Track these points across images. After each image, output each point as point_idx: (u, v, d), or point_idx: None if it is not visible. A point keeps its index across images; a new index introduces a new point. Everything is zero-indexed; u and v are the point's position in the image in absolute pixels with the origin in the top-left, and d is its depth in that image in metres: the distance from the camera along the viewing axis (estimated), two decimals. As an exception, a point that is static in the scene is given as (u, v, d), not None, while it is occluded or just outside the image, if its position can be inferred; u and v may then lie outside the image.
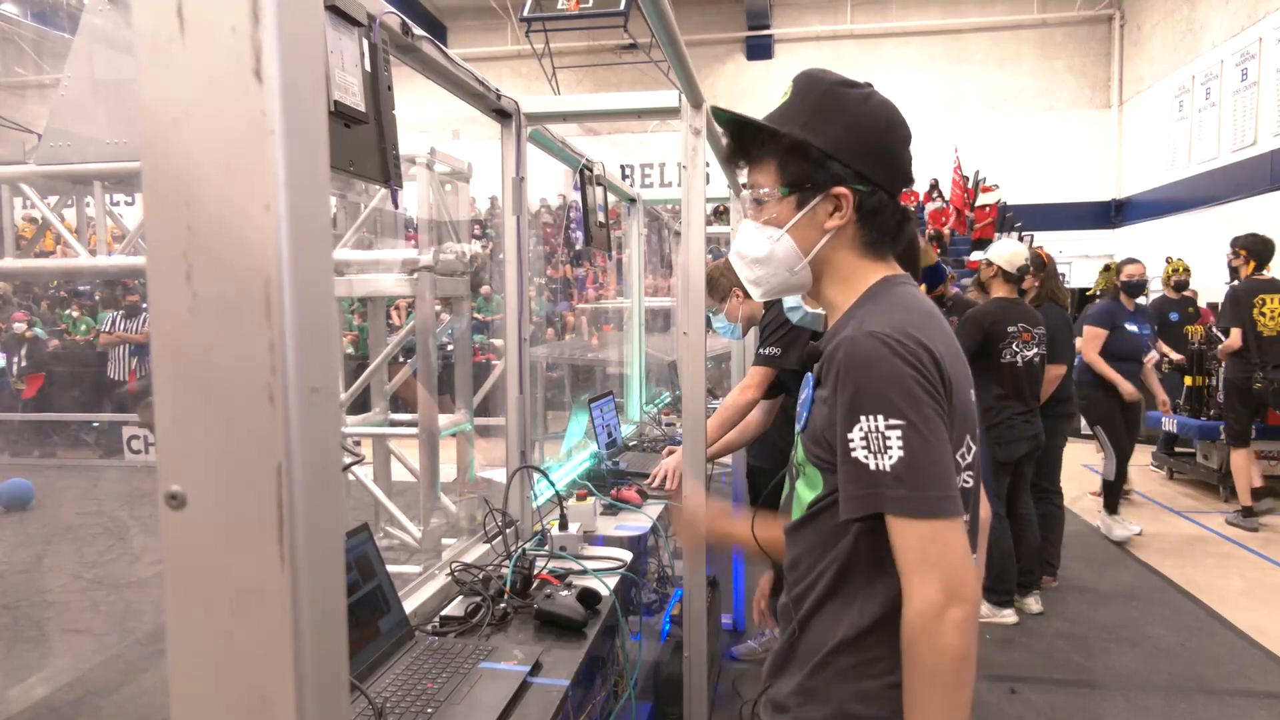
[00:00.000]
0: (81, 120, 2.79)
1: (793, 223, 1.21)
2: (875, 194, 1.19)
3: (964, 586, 1.03)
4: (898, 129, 1.23)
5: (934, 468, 1.04)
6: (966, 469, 1.16)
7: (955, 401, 1.11)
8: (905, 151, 1.23)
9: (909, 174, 1.23)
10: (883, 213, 1.20)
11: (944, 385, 1.09)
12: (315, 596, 0.49)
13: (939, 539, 1.04)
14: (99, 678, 3.80)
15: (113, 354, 9.67)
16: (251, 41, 0.44)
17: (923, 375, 1.06)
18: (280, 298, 0.46)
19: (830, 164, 1.18)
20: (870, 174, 1.19)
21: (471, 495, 3.02)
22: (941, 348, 1.11)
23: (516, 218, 2.50)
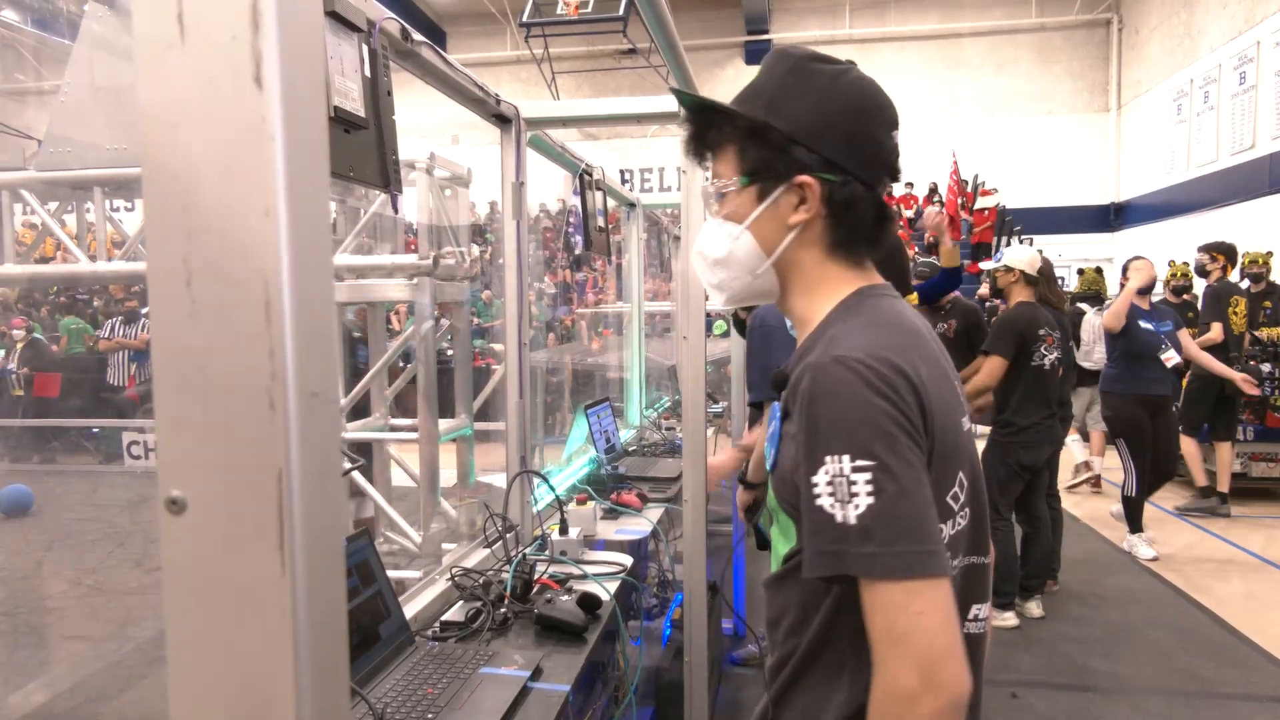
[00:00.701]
0: (81, 126, 2.79)
1: (753, 217, 1.04)
2: (847, 185, 1.00)
3: (941, 670, 0.84)
4: (877, 111, 1.03)
5: (910, 518, 0.86)
6: (961, 510, 0.99)
7: (942, 436, 0.94)
8: (887, 138, 1.02)
9: (891, 165, 1.03)
10: (856, 207, 1.00)
11: (925, 419, 0.92)
12: (315, 601, 0.49)
13: (913, 605, 0.85)
14: (98, 684, 3.79)
15: (112, 359, 9.68)
16: (251, 48, 0.44)
17: (898, 409, 0.89)
18: (280, 303, 0.46)
19: (795, 149, 1.00)
20: (840, 161, 1.00)
21: (471, 500, 3.02)
22: (925, 373, 0.94)
23: (516, 222, 2.50)
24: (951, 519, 0.97)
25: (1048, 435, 4.26)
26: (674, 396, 5.20)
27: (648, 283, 5.40)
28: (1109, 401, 5.29)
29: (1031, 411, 4.20)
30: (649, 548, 2.77)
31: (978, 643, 1.05)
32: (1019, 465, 4.22)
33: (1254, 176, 11.60)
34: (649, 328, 5.23)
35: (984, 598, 1.06)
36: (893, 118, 1.04)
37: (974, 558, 1.04)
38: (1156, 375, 5.19)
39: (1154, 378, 5.18)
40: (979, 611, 1.05)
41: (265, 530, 0.47)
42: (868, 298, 1.02)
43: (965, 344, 4.78)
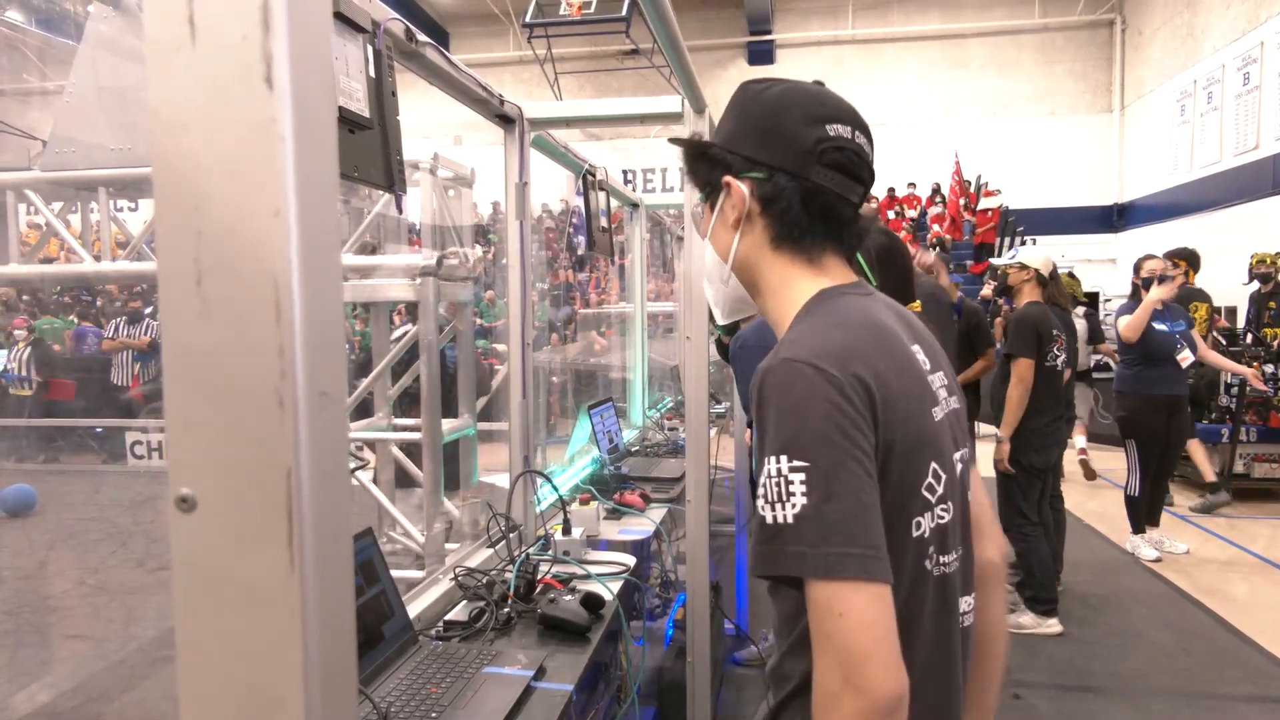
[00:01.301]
0: (86, 127, 2.80)
1: (709, 228, 1.11)
2: (771, 178, 1.03)
3: (860, 674, 0.84)
4: (794, 108, 1.04)
5: (841, 520, 0.87)
6: (941, 503, 0.99)
7: (904, 430, 0.95)
8: (808, 129, 1.02)
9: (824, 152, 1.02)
10: (782, 197, 1.03)
11: (876, 416, 0.92)
12: (324, 598, 0.49)
13: (836, 605, 0.86)
14: (101, 683, 3.80)
15: (116, 359, 9.69)
16: (262, 49, 0.44)
17: (841, 410, 0.90)
18: (290, 303, 0.46)
19: (724, 156, 1.07)
20: (758, 157, 1.04)
21: (475, 500, 3.02)
22: (883, 367, 0.95)
23: (519, 223, 2.51)
24: (930, 511, 0.98)
25: (1056, 437, 4.26)
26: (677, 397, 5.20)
27: (650, 283, 5.40)
28: (1124, 402, 5.23)
29: (1043, 412, 4.18)
30: (652, 548, 2.77)
31: (967, 635, 1.07)
32: (1031, 467, 4.21)
33: (1258, 177, 11.58)
34: (652, 328, 5.23)
35: (966, 590, 1.07)
36: (819, 113, 1.03)
37: (962, 552, 1.06)
38: (1173, 376, 5.15)
39: (1170, 378, 5.14)
40: (965, 604, 1.06)
41: (274, 528, 0.47)
42: (827, 299, 1.03)
43: (966, 345, 4.78)
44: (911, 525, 0.96)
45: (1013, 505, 4.24)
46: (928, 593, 0.99)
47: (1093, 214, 16.85)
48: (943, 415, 1.03)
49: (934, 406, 1.01)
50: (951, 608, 1.03)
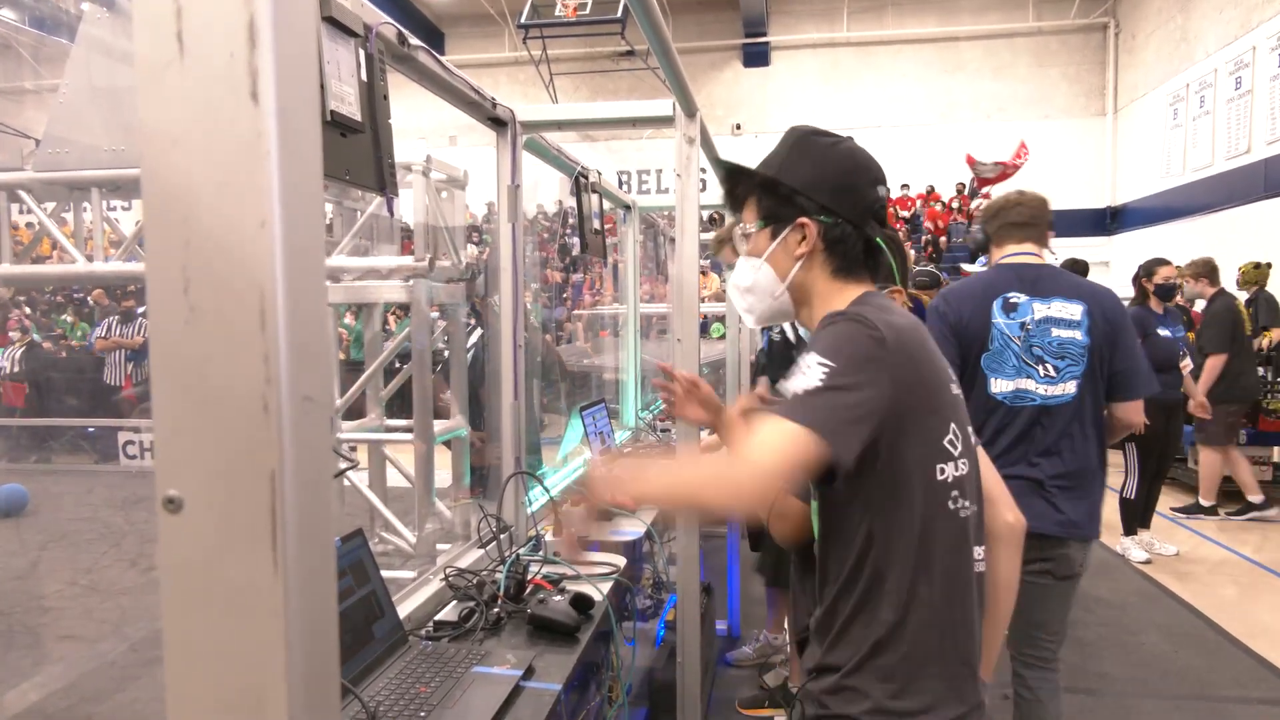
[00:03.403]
0: (79, 127, 2.80)
1: (769, 252, 1.35)
2: (838, 225, 1.30)
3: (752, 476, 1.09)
4: (863, 171, 1.33)
5: (827, 402, 1.12)
6: (961, 457, 1.23)
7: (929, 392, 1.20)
8: (870, 190, 1.32)
9: (874, 211, 1.32)
10: (846, 242, 1.31)
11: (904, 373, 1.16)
12: (307, 599, 0.50)
13: (781, 428, 1.09)
14: (93, 684, 3.80)
15: (109, 359, 9.68)
16: (248, 66, 0.46)
17: (877, 351, 1.15)
18: (275, 311, 0.48)
19: (797, 199, 1.32)
20: (833, 207, 1.31)
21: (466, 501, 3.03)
22: (915, 342, 1.21)
23: (512, 225, 2.52)
24: (953, 461, 1.22)
25: None
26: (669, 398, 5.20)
27: (644, 285, 5.41)
28: None
29: None
30: (643, 549, 2.79)
31: (981, 580, 1.29)
32: None
33: (1249, 181, 11.65)
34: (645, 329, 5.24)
35: (979, 541, 1.29)
36: (876, 177, 1.33)
37: (975, 505, 1.27)
38: (1174, 381, 5.23)
39: (1171, 383, 5.21)
40: (978, 553, 1.28)
41: (258, 530, 0.48)
42: (871, 297, 1.29)
43: None
44: (936, 470, 1.20)
45: None
46: (946, 529, 1.21)
47: (1086, 217, 16.91)
48: (958, 393, 1.28)
49: (951, 383, 1.27)
50: (966, 549, 1.24)
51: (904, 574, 1.20)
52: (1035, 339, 2.43)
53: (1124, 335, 2.46)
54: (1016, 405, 2.43)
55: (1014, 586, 1.40)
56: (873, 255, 1.33)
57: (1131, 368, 2.47)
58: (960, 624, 1.24)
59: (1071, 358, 2.41)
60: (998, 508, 1.38)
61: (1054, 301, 2.44)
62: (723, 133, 17.35)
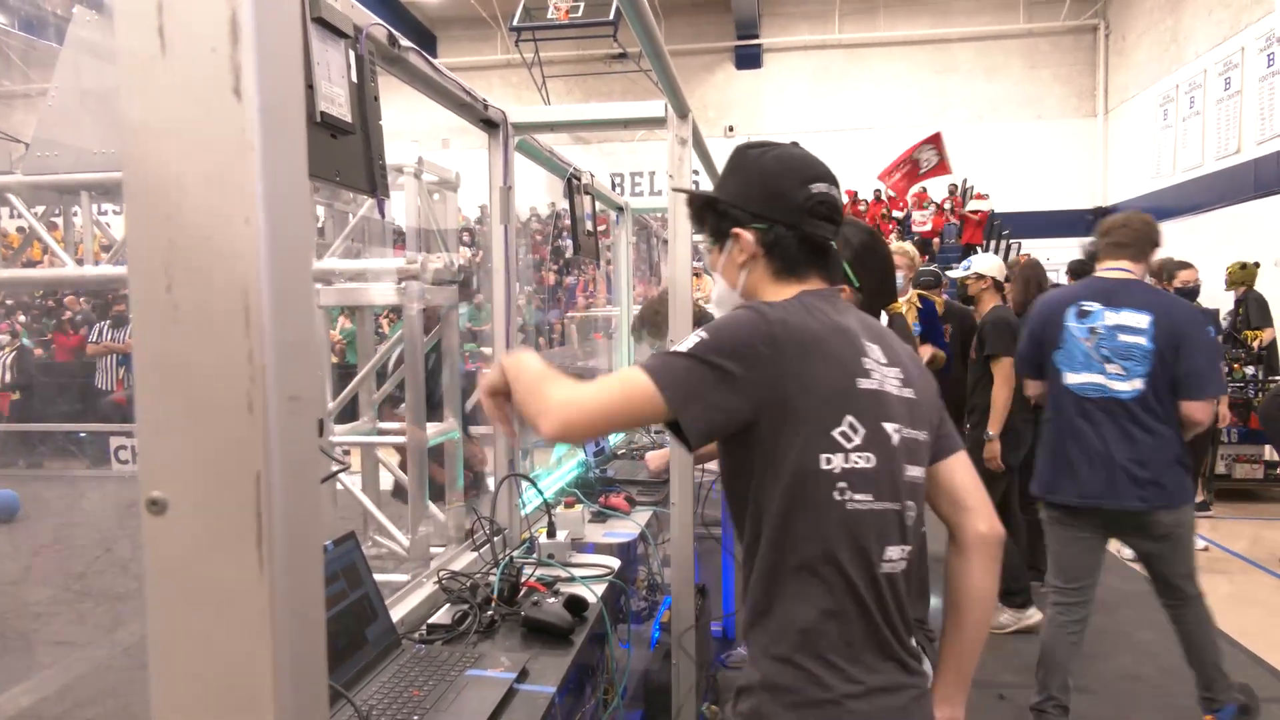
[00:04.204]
0: (69, 130, 2.79)
1: (720, 265, 1.43)
2: (771, 229, 1.36)
3: (564, 404, 1.21)
4: (790, 174, 1.36)
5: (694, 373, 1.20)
6: (857, 451, 1.25)
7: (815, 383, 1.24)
8: (800, 190, 1.34)
9: (810, 207, 1.35)
10: (781, 244, 1.36)
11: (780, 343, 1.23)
12: (294, 601, 0.50)
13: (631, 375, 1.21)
14: (85, 689, 3.77)
15: (100, 364, 9.63)
16: (231, 61, 0.45)
17: (760, 330, 1.23)
18: (259, 309, 0.47)
19: (732, 212, 1.39)
20: (763, 213, 1.36)
21: (460, 504, 3.02)
22: (813, 336, 1.26)
23: (504, 226, 2.51)
24: (843, 453, 1.24)
25: (1026, 437, 4.30)
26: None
27: (637, 286, 5.41)
28: None
29: (1014, 413, 4.24)
30: (638, 551, 2.78)
31: (893, 580, 1.29)
32: (1006, 465, 4.27)
33: (1239, 181, 11.71)
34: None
35: (897, 541, 1.29)
36: (809, 176, 1.36)
37: (887, 503, 1.27)
38: None
39: None
40: (890, 553, 1.28)
41: (243, 531, 0.48)
42: (803, 295, 1.34)
43: (961, 347, 4.82)
44: (821, 459, 1.23)
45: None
46: (834, 518, 1.24)
47: (1077, 217, 16.96)
48: (876, 389, 1.29)
49: (860, 377, 1.28)
50: (864, 544, 1.25)
51: (774, 550, 1.26)
52: (1104, 342, 2.91)
53: (1188, 341, 2.84)
54: (1088, 395, 2.92)
55: (986, 596, 1.38)
56: (822, 252, 1.38)
57: (1194, 370, 2.84)
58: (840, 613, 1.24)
59: (1136, 359, 2.86)
60: (971, 517, 1.39)
61: (1124, 311, 2.91)
62: (715, 135, 17.37)
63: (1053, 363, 3.01)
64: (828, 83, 18.20)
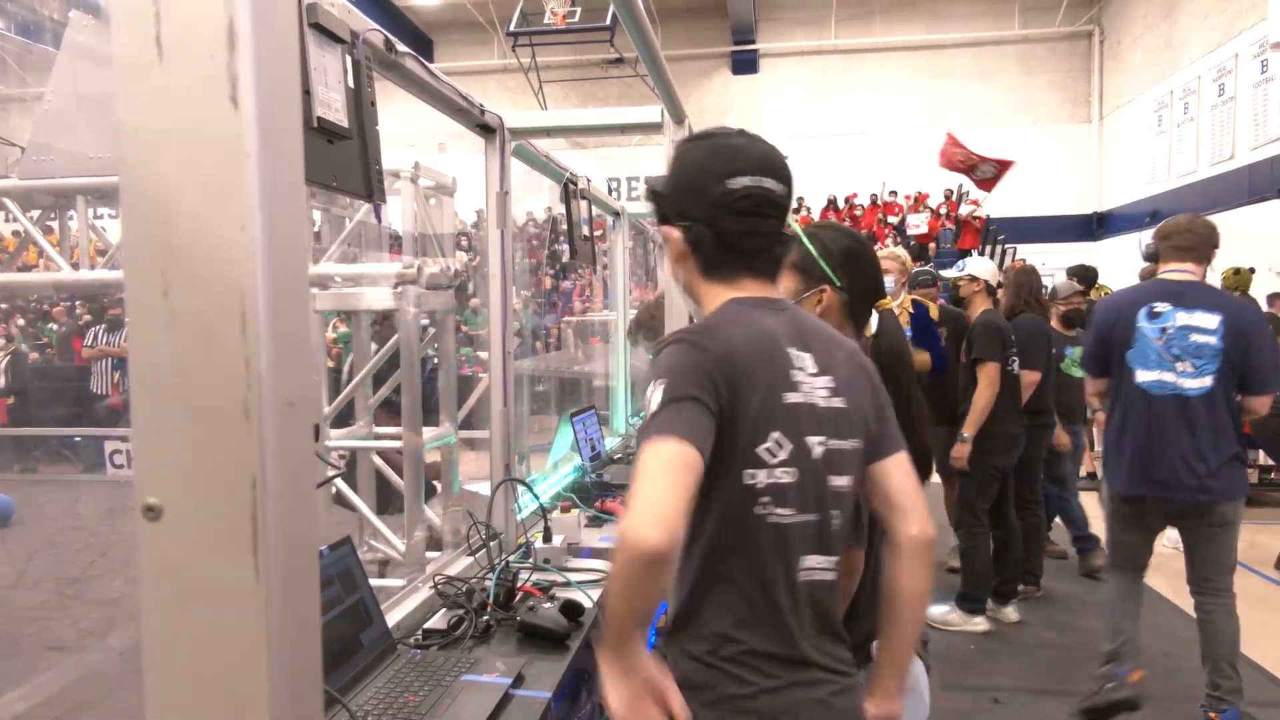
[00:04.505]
0: (65, 135, 2.79)
1: (667, 264, 1.40)
2: (693, 228, 1.32)
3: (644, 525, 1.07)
4: (711, 167, 1.30)
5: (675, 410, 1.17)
6: (782, 466, 1.25)
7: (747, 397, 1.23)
8: (717, 185, 1.28)
9: (729, 203, 1.28)
10: (704, 243, 1.32)
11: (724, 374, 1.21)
12: (290, 605, 0.50)
13: (648, 461, 1.13)
14: (80, 693, 3.76)
15: (95, 368, 9.61)
16: (228, 68, 0.46)
17: (701, 361, 1.21)
18: (255, 314, 0.47)
19: (664, 207, 1.36)
20: (685, 209, 1.32)
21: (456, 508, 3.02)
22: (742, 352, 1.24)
23: (501, 231, 2.52)
24: (766, 469, 1.24)
25: (1017, 440, 4.32)
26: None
27: (633, 290, 5.42)
28: None
29: (1006, 416, 4.25)
30: (633, 555, 2.77)
31: (813, 588, 1.30)
32: (994, 469, 4.28)
33: (1233, 186, 11.76)
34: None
35: (818, 551, 1.30)
36: (732, 169, 1.29)
37: (808, 515, 1.28)
38: None
39: None
40: (808, 562, 1.29)
41: (239, 536, 0.48)
42: (731, 305, 1.32)
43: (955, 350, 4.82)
44: (744, 475, 1.23)
45: (966, 504, 4.34)
46: (758, 532, 1.25)
47: (1072, 222, 17.03)
48: (802, 402, 1.28)
49: (788, 392, 1.27)
50: (785, 555, 1.26)
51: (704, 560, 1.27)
52: (1175, 341, 3.07)
53: (1255, 341, 3.04)
54: (1159, 393, 3.09)
55: (916, 596, 1.37)
56: (741, 250, 1.32)
57: (1260, 367, 3.04)
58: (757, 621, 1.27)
59: (1206, 357, 3.03)
60: (903, 519, 1.37)
61: (1195, 312, 3.06)
62: (712, 139, 17.35)
63: (1125, 361, 3.15)
64: (824, 88, 18.25)
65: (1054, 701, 3.67)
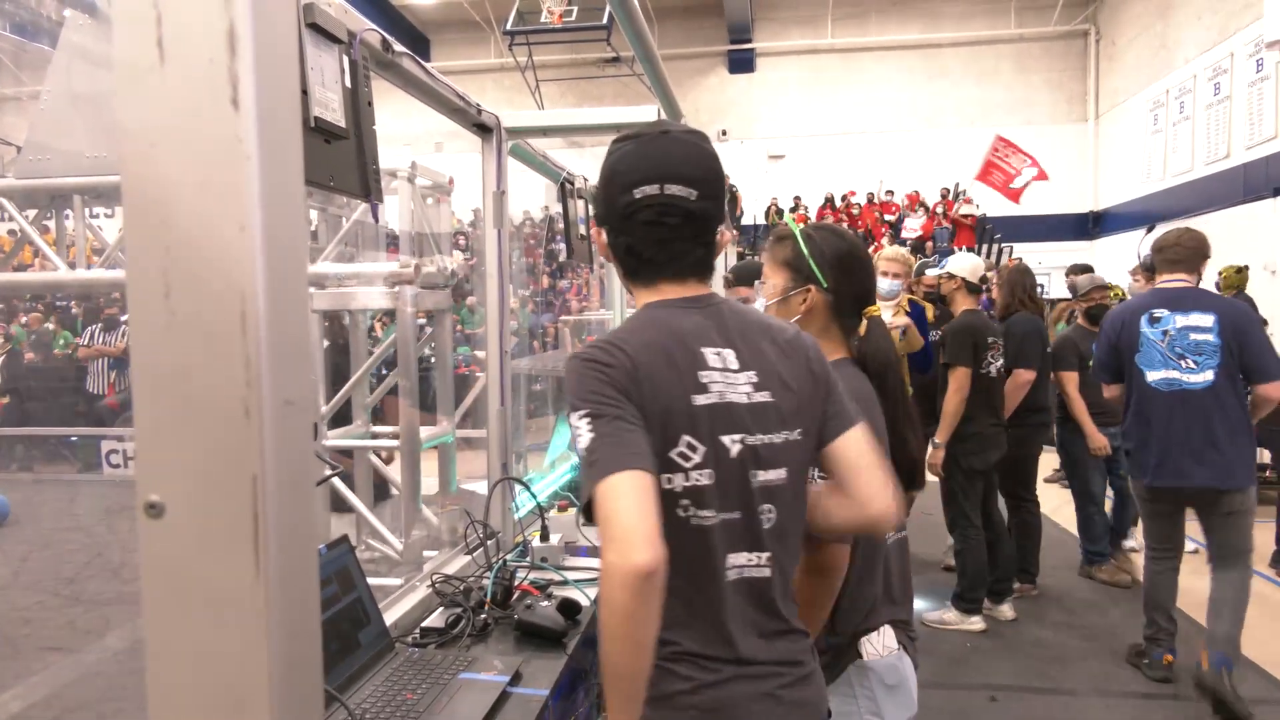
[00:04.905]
0: (61, 134, 2.78)
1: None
2: (608, 233, 1.35)
3: (631, 549, 1.06)
4: (619, 176, 1.31)
5: (612, 438, 1.15)
6: (697, 468, 1.24)
7: (654, 403, 1.21)
8: (623, 194, 1.29)
9: (631, 212, 1.29)
10: (617, 248, 1.34)
11: (634, 382, 1.20)
12: (289, 603, 0.51)
13: (606, 497, 1.11)
14: (75, 694, 3.75)
15: (91, 367, 9.59)
16: (229, 71, 0.46)
17: (607, 374, 1.20)
18: (255, 315, 0.48)
19: (595, 212, 1.38)
20: (602, 214, 1.35)
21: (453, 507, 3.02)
22: (646, 359, 1.23)
23: (497, 231, 2.52)
24: (683, 472, 1.23)
25: (994, 441, 4.29)
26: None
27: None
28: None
29: (978, 418, 4.23)
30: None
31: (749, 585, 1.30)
32: (971, 470, 4.27)
33: (1228, 186, 11.79)
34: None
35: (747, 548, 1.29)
36: (632, 179, 1.29)
37: (732, 514, 1.27)
38: None
39: None
40: (735, 559, 1.28)
41: (240, 534, 0.48)
42: (645, 310, 1.33)
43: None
44: (662, 479, 1.21)
45: (955, 507, 4.35)
46: (682, 535, 1.22)
47: (1068, 221, 17.06)
48: (715, 403, 1.26)
49: (696, 395, 1.25)
50: (709, 553, 1.26)
51: None
52: (1176, 341, 3.40)
53: (1250, 335, 3.35)
54: (1168, 390, 3.40)
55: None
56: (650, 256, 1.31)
57: (1260, 357, 3.32)
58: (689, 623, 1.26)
59: (1206, 353, 3.35)
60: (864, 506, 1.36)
61: (1192, 314, 3.39)
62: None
63: (1135, 364, 3.49)
64: (820, 87, 18.26)
65: (1050, 699, 3.69)
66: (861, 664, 1.69)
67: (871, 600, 1.70)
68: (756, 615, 1.30)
